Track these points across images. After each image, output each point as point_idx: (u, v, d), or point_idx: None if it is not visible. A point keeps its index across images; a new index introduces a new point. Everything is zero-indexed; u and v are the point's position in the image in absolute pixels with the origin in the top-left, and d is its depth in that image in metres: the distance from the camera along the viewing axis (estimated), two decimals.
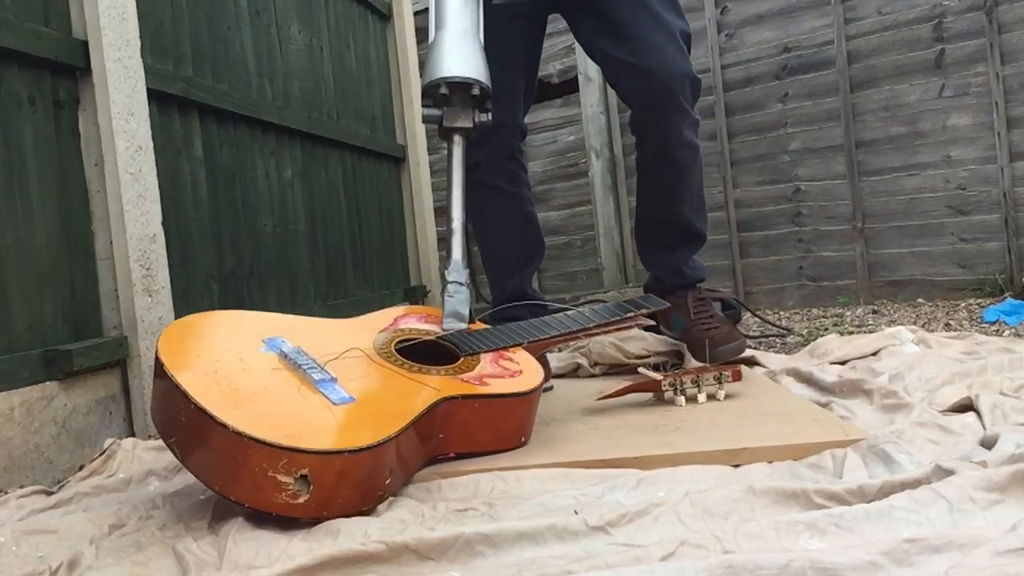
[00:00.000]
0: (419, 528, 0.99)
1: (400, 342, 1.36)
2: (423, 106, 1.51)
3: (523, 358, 1.40)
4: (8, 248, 1.57)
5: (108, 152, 1.77)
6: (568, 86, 4.33)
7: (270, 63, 2.59)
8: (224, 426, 1.01)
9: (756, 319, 3.22)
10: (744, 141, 3.89)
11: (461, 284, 1.46)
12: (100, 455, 1.49)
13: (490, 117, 1.53)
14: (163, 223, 1.91)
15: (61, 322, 1.68)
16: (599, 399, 1.53)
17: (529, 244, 2.11)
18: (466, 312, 1.45)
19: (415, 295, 3.47)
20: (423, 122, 1.53)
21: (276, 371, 1.17)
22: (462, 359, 1.35)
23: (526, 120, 2.08)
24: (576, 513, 0.97)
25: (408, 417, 1.12)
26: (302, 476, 0.99)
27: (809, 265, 3.79)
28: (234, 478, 1.02)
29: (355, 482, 1.03)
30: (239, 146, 2.38)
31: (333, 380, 1.17)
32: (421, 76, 1.61)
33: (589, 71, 4.18)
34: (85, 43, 1.76)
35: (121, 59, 1.81)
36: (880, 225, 3.62)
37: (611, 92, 4.11)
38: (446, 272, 1.47)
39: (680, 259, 2.03)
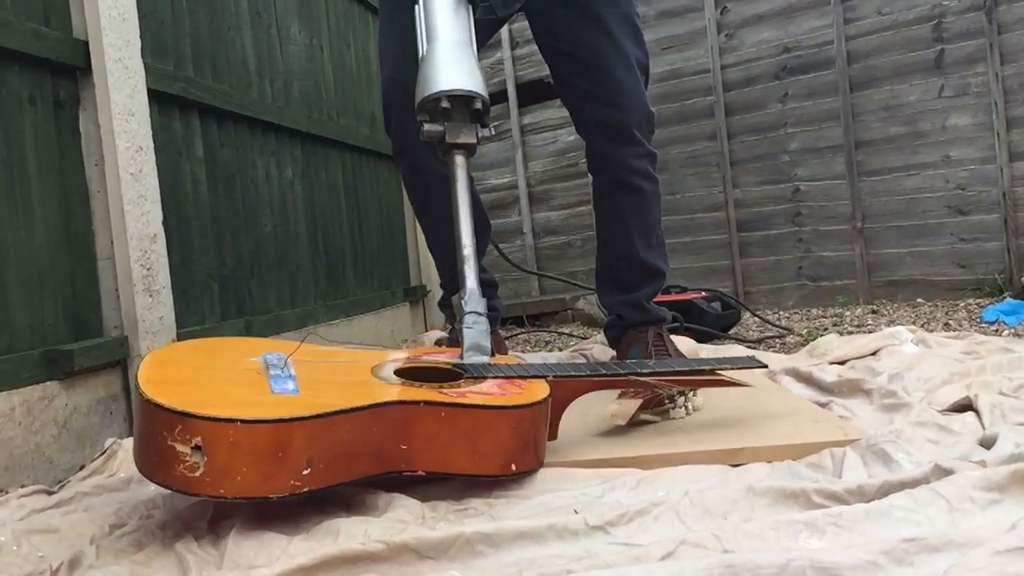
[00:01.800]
0: (419, 527, 0.99)
1: (408, 367, 1.26)
2: (420, 122, 1.40)
3: (534, 385, 1.22)
4: (8, 248, 1.58)
5: (108, 152, 1.78)
6: None
7: (270, 63, 2.59)
8: (141, 395, 1.00)
9: (756, 319, 3.22)
10: (744, 141, 3.90)
11: (480, 314, 1.35)
12: (101, 455, 1.49)
13: (493, 131, 1.45)
14: (163, 223, 1.91)
15: (62, 322, 1.68)
16: (618, 424, 1.38)
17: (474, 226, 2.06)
18: (488, 344, 1.34)
19: (415, 295, 3.47)
20: (423, 139, 1.41)
21: (246, 371, 1.15)
22: (462, 380, 1.22)
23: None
24: (576, 512, 0.97)
25: (335, 407, 1.02)
26: (197, 446, 0.96)
27: (809, 265, 3.79)
28: (146, 451, 1.01)
29: (253, 459, 0.97)
30: (239, 146, 2.38)
31: (289, 378, 1.12)
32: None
33: None
34: (85, 43, 1.76)
35: (121, 59, 1.81)
36: (880, 225, 3.62)
37: None
38: (462, 302, 1.35)
39: (641, 295, 1.97)
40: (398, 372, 1.23)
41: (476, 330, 1.34)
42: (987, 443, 1.13)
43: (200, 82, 2.20)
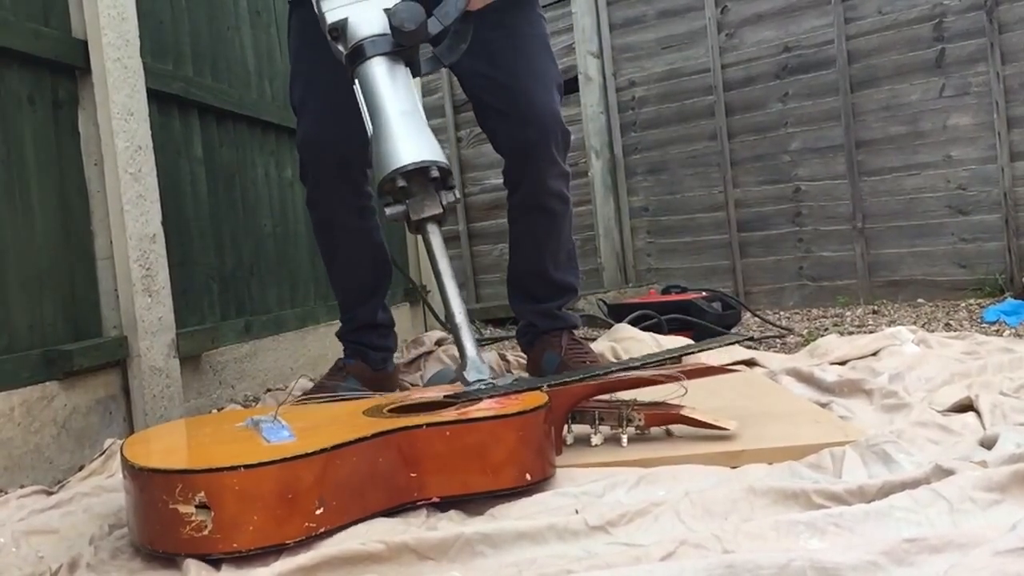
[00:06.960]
0: (419, 528, 0.99)
1: (400, 405, 1.23)
2: (384, 205, 1.35)
3: (531, 395, 1.20)
4: (8, 248, 1.57)
5: (108, 152, 1.77)
6: (568, 86, 4.33)
7: (270, 63, 2.59)
8: (132, 466, 0.97)
9: (756, 319, 3.22)
10: (744, 141, 3.90)
11: (487, 381, 1.28)
12: (100, 455, 1.49)
13: (457, 195, 1.38)
14: (163, 223, 1.91)
15: (61, 322, 1.68)
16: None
17: (377, 274, 2.04)
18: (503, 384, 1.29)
19: (414, 295, 3.46)
20: (388, 222, 1.37)
21: (234, 432, 1.12)
22: (457, 405, 1.19)
23: None
24: (576, 512, 0.97)
25: (337, 441, 1.00)
26: (201, 503, 0.92)
27: (809, 265, 3.79)
28: (146, 521, 0.97)
29: (263, 505, 0.93)
30: (239, 146, 2.38)
31: (283, 427, 1.09)
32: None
33: (589, 71, 4.18)
34: (85, 43, 1.76)
35: (121, 59, 1.81)
36: (880, 225, 3.62)
37: (611, 92, 4.12)
38: (464, 373, 1.29)
39: (552, 305, 1.99)
40: (391, 411, 1.20)
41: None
42: (988, 443, 1.13)
43: (199, 82, 2.20)
